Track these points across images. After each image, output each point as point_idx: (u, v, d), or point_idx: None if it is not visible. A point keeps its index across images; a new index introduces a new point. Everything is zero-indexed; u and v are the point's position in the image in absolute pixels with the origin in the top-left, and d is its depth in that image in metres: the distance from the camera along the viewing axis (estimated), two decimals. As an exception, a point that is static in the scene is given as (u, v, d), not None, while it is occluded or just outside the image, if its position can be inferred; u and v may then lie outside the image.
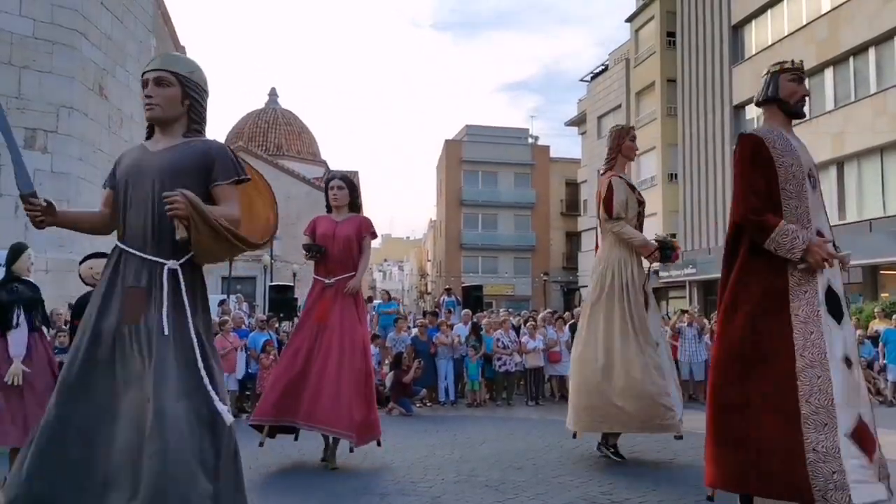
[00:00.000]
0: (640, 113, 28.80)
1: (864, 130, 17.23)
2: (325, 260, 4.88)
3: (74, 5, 10.28)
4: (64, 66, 10.12)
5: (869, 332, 11.11)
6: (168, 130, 2.50)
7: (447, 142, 42.23)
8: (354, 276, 4.88)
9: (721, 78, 23.24)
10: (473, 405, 9.65)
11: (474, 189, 40.71)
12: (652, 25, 28.01)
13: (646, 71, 28.25)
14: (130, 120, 12.38)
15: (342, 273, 4.86)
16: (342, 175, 5.22)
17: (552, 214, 40.64)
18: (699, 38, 24.52)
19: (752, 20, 22.33)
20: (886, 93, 17.09)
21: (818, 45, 19.03)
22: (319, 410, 4.58)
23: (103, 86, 11.25)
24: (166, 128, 2.50)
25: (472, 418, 8.26)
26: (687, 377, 10.75)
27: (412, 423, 7.80)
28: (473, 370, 9.91)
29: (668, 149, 26.40)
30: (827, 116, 18.15)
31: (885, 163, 17.22)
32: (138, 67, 12.80)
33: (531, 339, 10.21)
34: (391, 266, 70.88)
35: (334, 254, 4.86)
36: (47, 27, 10.01)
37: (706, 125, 23.83)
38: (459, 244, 40.16)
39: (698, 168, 24.09)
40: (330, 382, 4.61)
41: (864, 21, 17.65)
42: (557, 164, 41.63)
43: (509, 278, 39.93)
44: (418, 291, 52.84)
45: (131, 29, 12.42)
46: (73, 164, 10.29)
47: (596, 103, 32.68)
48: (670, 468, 4.72)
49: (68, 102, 10.20)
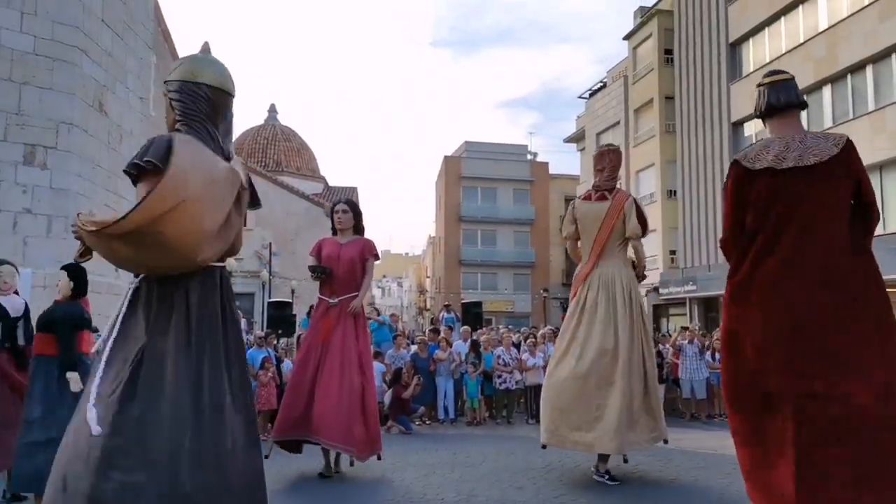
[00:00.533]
0: (639, 129, 28.92)
1: (863, 148, 17.13)
2: (331, 281, 5.08)
3: (75, 22, 10.33)
4: (64, 83, 10.15)
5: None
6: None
7: (446, 158, 42.36)
8: (357, 295, 5.08)
9: (719, 95, 23.36)
10: (473, 423, 9.57)
11: (473, 205, 40.77)
12: (650, 43, 28.21)
13: (644, 88, 28.41)
14: (130, 136, 12.40)
15: (346, 293, 5.06)
16: (347, 200, 5.46)
17: (552, 230, 40.66)
18: (697, 55, 24.68)
19: (749, 38, 22.49)
20: (885, 110, 17.17)
21: (816, 63, 19.15)
22: (322, 425, 4.72)
23: (103, 102, 11.27)
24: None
25: (471, 437, 8.18)
26: (688, 395, 10.70)
27: (411, 441, 7.72)
28: (473, 388, 9.84)
29: (667, 165, 26.47)
30: (825, 133, 18.16)
31: (884, 180, 17.25)
32: (139, 84, 12.84)
33: (531, 357, 10.15)
34: (390, 282, 70.77)
35: (339, 275, 5.07)
36: (48, 44, 10.05)
37: (705, 142, 23.91)
38: (459, 260, 40.14)
39: (697, 185, 24.14)
40: (331, 397, 4.77)
41: (860, 39, 17.77)
42: (557, 181, 41.75)
43: (509, 295, 39.86)
44: (417, 308, 52.70)
45: (132, 46, 12.48)
46: (72, 180, 10.28)
47: (595, 120, 32.82)
48: (672, 487, 4.65)
49: (68, 118, 10.21)
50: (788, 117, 2.99)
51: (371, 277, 5.29)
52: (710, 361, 10.65)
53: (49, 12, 10.05)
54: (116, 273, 11.92)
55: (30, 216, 9.89)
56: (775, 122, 3.00)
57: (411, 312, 53.46)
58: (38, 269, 9.09)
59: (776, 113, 2.99)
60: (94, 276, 10.83)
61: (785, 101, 2.96)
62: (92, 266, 9.85)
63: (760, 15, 21.63)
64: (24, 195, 9.85)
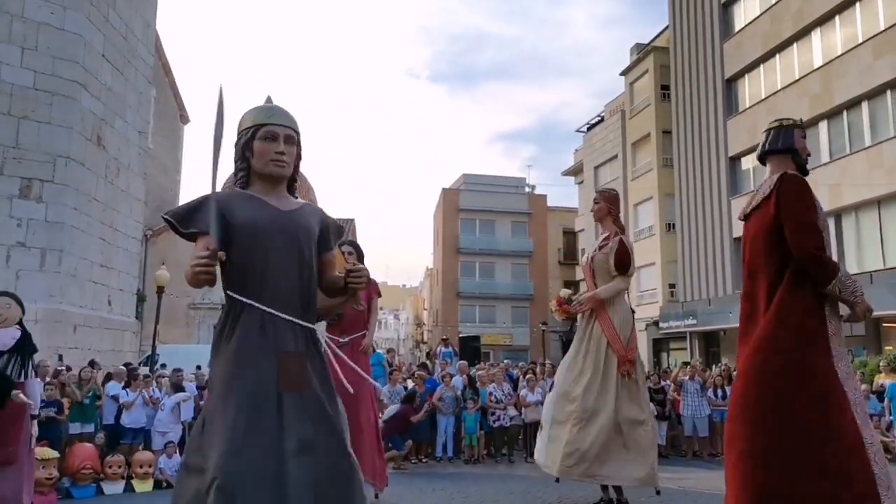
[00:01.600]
0: (637, 163, 29.08)
1: (861, 183, 17.34)
2: (340, 321, 5.23)
3: (76, 58, 10.39)
4: (63, 117, 10.16)
5: (875, 386, 10.87)
6: (280, 188, 2.44)
7: (444, 190, 42.49)
8: (366, 334, 5.30)
9: (716, 130, 23.53)
10: (471, 461, 9.34)
11: (471, 237, 40.76)
12: (646, 79, 28.54)
13: (641, 122, 28.64)
14: (128, 170, 12.39)
15: (355, 332, 5.25)
16: (351, 241, 5.55)
17: (550, 263, 40.60)
18: (693, 91, 24.93)
19: (745, 74, 22.74)
20: (882, 145, 17.26)
21: (811, 99, 19.31)
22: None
23: (101, 136, 11.28)
24: (278, 185, 2.43)
25: (470, 475, 7.98)
26: (690, 433, 10.50)
27: (407, 481, 7.52)
28: (471, 423, 9.63)
29: (665, 199, 26.55)
30: (822, 168, 18.27)
31: (882, 215, 17.27)
32: (138, 118, 12.88)
33: (530, 393, 9.97)
34: (386, 314, 70.43)
35: (348, 315, 5.20)
36: (48, 79, 10.09)
37: (703, 176, 24.00)
38: (456, 293, 39.97)
39: (696, 218, 24.17)
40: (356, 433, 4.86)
41: (856, 76, 17.95)
42: (555, 213, 41.82)
43: (507, 328, 39.60)
44: (414, 341, 52.33)
45: (132, 80, 12.54)
46: (67, 214, 10.22)
47: (592, 153, 33.03)
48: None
49: (65, 152, 10.20)
50: (776, 162, 3.11)
51: (377, 316, 5.58)
52: (713, 398, 10.47)
53: (50, 48, 10.12)
54: (110, 307, 11.81)
55: (23, 249, 9.81)
56: (767, 166, 3.17)
57: (408, 345, 53.07)
58: (29, 304, 8.97)
59: (766, 157, 3.14)
60: (86, 311, 10.76)
61: (769, 148, 3.11)
62: (85, 300, 9.70)
63: (756, 52, 21.91)
64: (18, 228, 9.79)
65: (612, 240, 5.00)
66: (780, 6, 21.01)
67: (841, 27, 18.85)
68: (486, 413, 9.72)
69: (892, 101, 17.20)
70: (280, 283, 2.27)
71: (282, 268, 2.28)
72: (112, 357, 11.12)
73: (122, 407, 8.06)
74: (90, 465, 6.93)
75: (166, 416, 8.11)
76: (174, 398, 8.25)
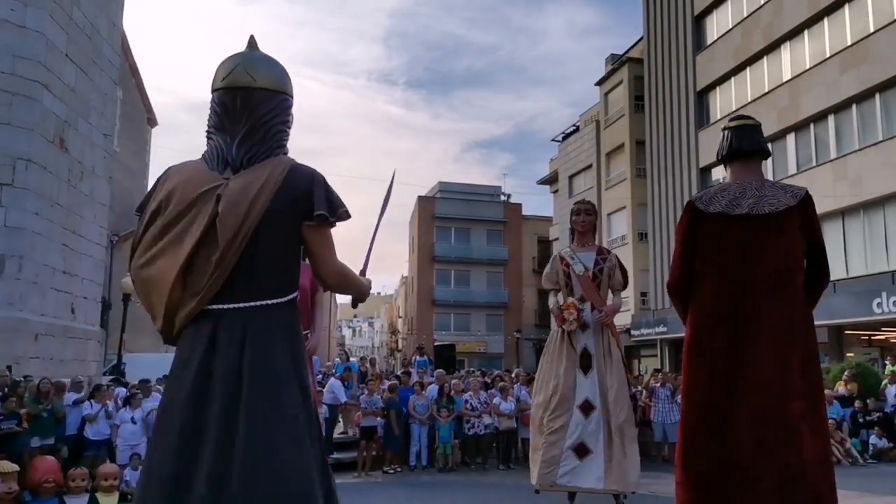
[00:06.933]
0: (611, 173, 29.33)
1: (826, 194, 17.66)
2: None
3: (37, 57, 10.09)
4: (23, 118, 9.85)
5: (834, 392, 11.03)
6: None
7: (420, 198, 42.43)
8: (310, 334, 4.96)
9: (688, 141, 23.84)
10: (445, 469, 9.24)
11: (447, 245, 40.74)
12: (620, 89, 28.84)
13: (615, 133, 28.91)
14: (92, 174, 12.08)
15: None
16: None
17: (525, 271, 40.71)
18: (666, 102, 25.25)
19: (716, 87, 23.10)
20: (846, 158, 17.63)
21: (780, 112, 19.66)
22: None
23: (64, 138, 10.97)
24: None
25: (444, 484, 7.89)
26: (660, 438, 10.52)
27: (380, 490, 7.40)
28: (445, 432, 9.52)
29: (637, 208, 26.79)
30: (790, 180, 18.57)
31: (846, 226, 17.59)
32: (102, 120, 12.58)
33: (503, 401, 9.89)
34: (361, 322, 70.03)
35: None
36: (7, 78, 9.77)
37: (674, 186, 24.28)
38: (431, 301, 39.87)
39: (668, 228, 24.41)
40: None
41: (823, 90, 18.31)
42: (530, 222, 42.00)
43: (482, 336, 39.59)
44: (388, 349, 52.07)
45: (97, 81, 12.24)
46: (28, 219, 9.90)
47: (567, 163, 33.25)
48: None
49: (26, 155, 9.88)
50: (751, 163, 2.93)
51: (323, 313, 5.07)
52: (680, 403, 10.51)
53: (10, 46, 9.80)
54: (73, 316, 11.47)
55: (-19, 255, 9.48)
56: (736, 166, 2.94)
57: (382, 353, 52.76)
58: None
59: (738, 158, 2.93)
60: (48, 319, 10.43)
61: (748, 148, 2.91)
62: (47, 308, 9.39)
63: (727, 65, 22.27)
64: (-24, 233, 9.46)
65: (609, 256, 5.30)
66: (751, 20, 21.39)
67: (809, 41, 19.23)
68: (462, 420, 9.64)
69: (857, 114, 17.57)
70: None
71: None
72: (76, 367, 10.79)
73: (85, 420, 7.95)
74: (52, 479, 6.69)
75: (139, 428, 7.96)
76: (145, 407, 8.07)
